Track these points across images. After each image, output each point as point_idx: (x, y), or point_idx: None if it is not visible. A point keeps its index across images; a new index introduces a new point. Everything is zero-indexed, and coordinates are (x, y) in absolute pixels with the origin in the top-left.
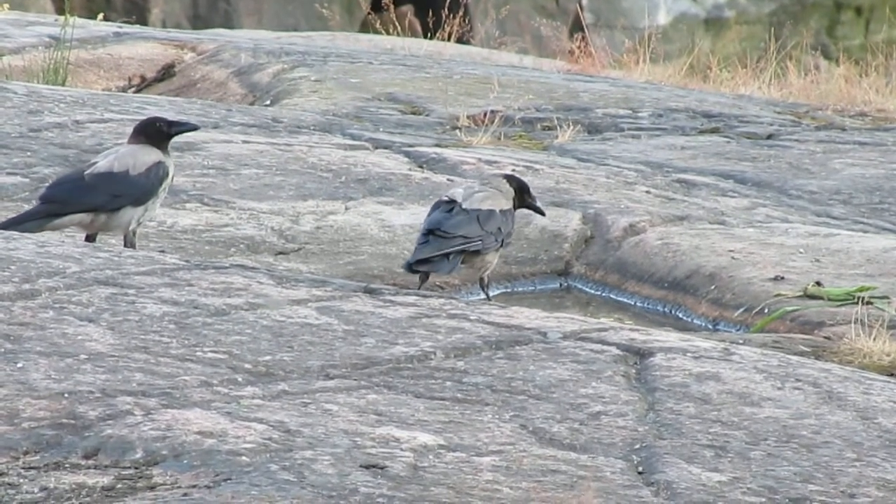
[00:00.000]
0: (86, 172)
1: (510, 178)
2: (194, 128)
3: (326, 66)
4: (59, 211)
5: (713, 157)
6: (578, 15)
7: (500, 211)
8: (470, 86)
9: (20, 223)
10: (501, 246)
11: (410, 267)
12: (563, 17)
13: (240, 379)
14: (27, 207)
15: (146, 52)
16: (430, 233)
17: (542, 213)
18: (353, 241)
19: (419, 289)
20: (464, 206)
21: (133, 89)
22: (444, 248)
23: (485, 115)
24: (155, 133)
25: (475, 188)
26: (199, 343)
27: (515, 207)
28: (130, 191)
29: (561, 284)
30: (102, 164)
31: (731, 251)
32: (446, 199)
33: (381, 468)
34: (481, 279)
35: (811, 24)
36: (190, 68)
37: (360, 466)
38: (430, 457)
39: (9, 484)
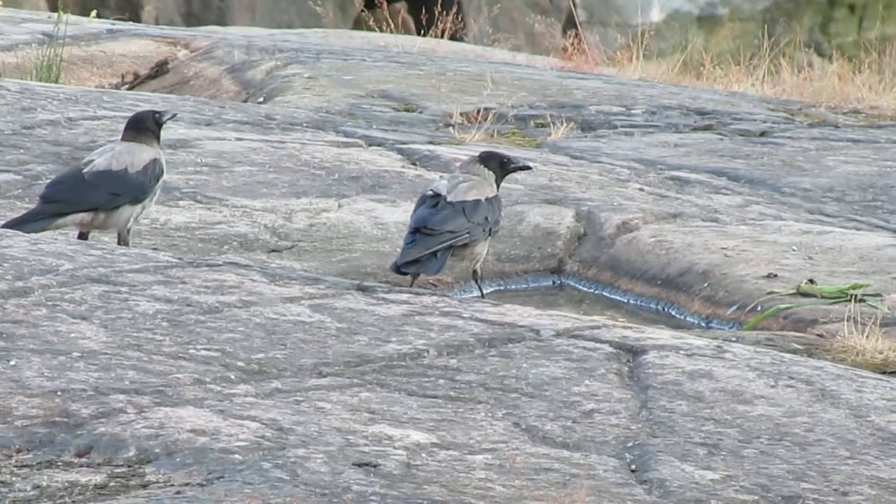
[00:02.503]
0: (85, 171)
1: (485, 159)
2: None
3: (320, 64)
4: (63, 210)
5: (706, 154)
6: (572, 12)
7: (486, 199)
8: (463, 83)
9: (24, 223)
10: (490, 235)
11: (398, 269)
12: (557, 14)
13: (233, 377)
14: (20, 205)
15: (139, 49)
16: (417, 231)
17: (529, 168)
18: (346, 239)
19: (412, 286)
20: (449, 199)
21: (126, 86)
22: (432, 247)
23: (478, 112)
24: (149, 128)
25: (459, 178)
26: (192, 341)
27: (501, 178)
28: (129, 189)
29: (554, 282)
30: (100, 161)
31: (724, 249)
32: (431, 193)
33: (374, 466)
34: (474, 272)
35: (805, 21)
36: (183, 65)
37: (353, 464)
38: (423, 455)
39: (1, 482)
